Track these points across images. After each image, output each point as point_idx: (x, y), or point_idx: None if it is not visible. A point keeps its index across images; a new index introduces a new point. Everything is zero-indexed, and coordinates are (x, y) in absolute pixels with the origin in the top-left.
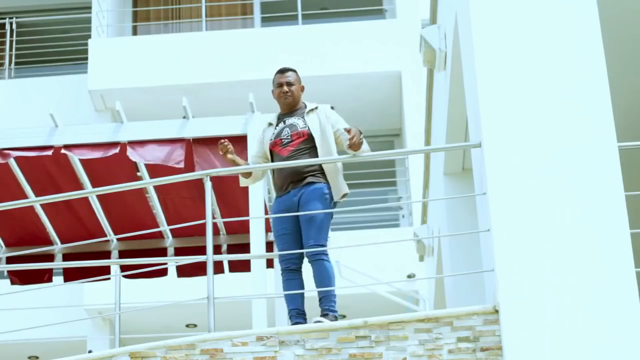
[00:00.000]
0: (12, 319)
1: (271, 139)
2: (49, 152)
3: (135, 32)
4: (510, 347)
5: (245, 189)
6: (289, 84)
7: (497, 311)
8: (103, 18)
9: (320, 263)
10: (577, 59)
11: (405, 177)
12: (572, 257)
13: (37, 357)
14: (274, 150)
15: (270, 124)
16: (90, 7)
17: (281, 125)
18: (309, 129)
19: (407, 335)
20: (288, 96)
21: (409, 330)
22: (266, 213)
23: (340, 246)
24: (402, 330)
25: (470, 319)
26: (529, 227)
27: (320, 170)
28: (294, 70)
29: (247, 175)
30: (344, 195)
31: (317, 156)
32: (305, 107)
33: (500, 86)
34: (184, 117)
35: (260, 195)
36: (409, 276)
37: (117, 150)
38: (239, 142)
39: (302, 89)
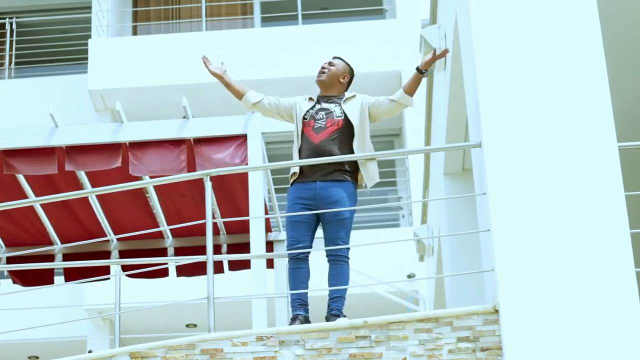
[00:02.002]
0: (12, 319)
1: (305, 117)
2: (54, 166)
3: (135, 32)
4: (510, 347)
5: (245, 188)
6: (330, 64)
7: (497, 311)
8: (103, 18)
9: (346, 265)
10: (577, 59)
11: (405, 177)
12: (572, 257)
13: (37, 357)
14: (305, 132)
15: (310, 99)
16: (90, 7)
17: (317, 106)
18: (344, 118)
19: (407, 335)
20: (323, 73)
21: (409, 330)
22: (266, 213)
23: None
24: (402, 330)
25: (470, 319)
26: (529, 227)
27: (347, 164)
28: (346, 63)
29: (240, 96)
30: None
31: (347, 146)
32: (344, 96)
33: (500, 86)
34: (184, 117)
35: (260, 195)
36: (409, 276)
37: (119, 164)
38: (239, 141)
39: (345, 78)
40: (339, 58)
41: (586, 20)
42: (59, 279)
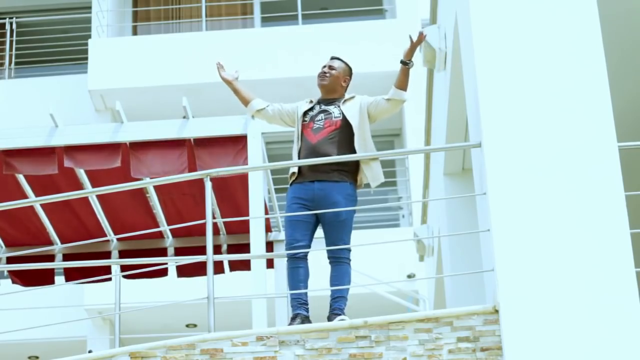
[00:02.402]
0: (12, 319)
1: (305, 119)
2: (54, 166)
3: (135, 32)
4: (510, 347)
5: (246, 188)
6: (331, 67)
7: (497, 311)
8: (103, 18)
9: (347, 266)
10: (577, 59)
11: (405, 177)
12: (572, 257)
13: (37, 357)
14: (304, 133)
15: (310, 101)
16: (90, 7)
17: (317, 108)
18: (342, 118)
19: (407, 335)
20: (325, 77)
21: (409, 330)
22: (266, 213)
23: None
24: (402, 330)
25: (470, 319)
26: (529, 227)
27: (346, 164)
28: (345, 63)
29: (246, 103)
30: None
31: (346, 147)
32: (343, 98)
33: (500, 86)
34: (184, 117)
35: (260, 195)
36: (409, 276)
37: (119, 163)
38: (239, 142)
39: (346, 81)
40: (338, 58)
41: (586, 20)
42: (59, 279)
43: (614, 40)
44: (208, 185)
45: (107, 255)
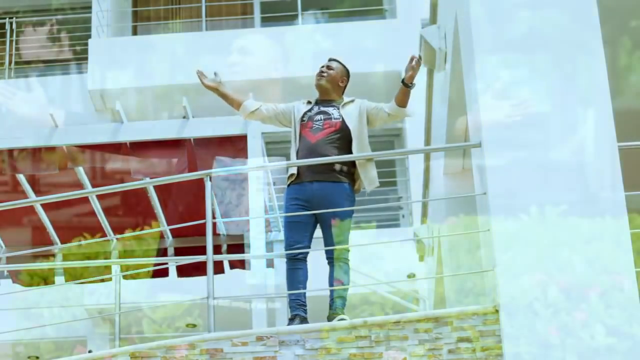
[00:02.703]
0: (12, 319)
1: (304, 119)
2: (54, 166)
3: (135, 32)
4: (510, 347)
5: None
6: (329, 68)
7: (497, 311)
8: (103, 18)
9: (346, 266)
10: (577, 59)
11: (405, 177)
12: (572, 257)
13: (37, 357)
14: (303, 133)
15: (308, 102)
16: (90, 7)
17: (316, 109)
18: (342, 121)
19: (407, 335)
20: (323, 76)
21: (409, 330)
22: (266, 213)
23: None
24: (402, 330)
25: (470, 319)
26: (529, 227)
27: (345, 165)
28: (342, 64)
29: (238, 106)
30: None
31: (344, 149)
32: (343, 100)
33: (500, 85)
34: (184, 117)
35: (260, 195)
36: (409, 276)
37: (119, 164)
38: (239, 142)
39: (343, 81)
40: (336, 60)
41: (586, 20)
42: (59, 279)
43: (614, 40)
44: (208, 185)
45: (107, 255)
